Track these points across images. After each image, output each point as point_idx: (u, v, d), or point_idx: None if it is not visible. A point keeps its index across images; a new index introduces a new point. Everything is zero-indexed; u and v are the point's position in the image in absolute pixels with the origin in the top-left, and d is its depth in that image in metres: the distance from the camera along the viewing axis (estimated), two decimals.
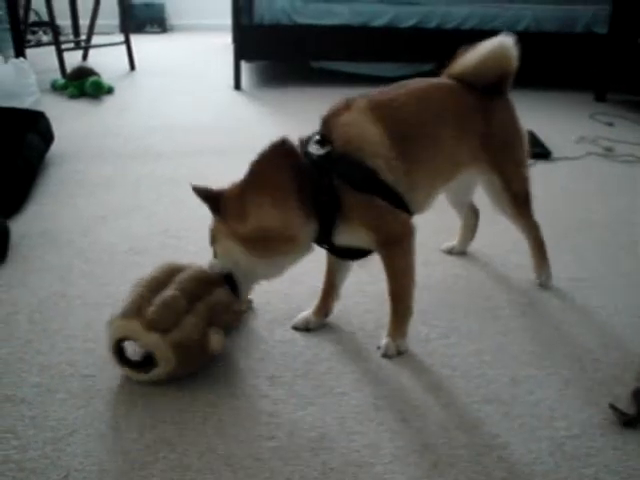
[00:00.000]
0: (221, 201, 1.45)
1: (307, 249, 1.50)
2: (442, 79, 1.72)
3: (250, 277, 1.51)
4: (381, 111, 1.48)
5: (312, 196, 1.41)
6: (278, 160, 1.43)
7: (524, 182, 1.82)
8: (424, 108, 1.59)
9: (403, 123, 1.51)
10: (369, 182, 1.42)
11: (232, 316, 1.52)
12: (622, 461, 1.23)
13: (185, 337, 1.36)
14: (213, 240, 1.52)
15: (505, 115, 1.75)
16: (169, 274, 1.46)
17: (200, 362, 1.43)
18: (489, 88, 1.70)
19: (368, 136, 1.44)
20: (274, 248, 1.45)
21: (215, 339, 1.40)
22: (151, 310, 1.35)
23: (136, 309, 1.36)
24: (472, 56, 1.69)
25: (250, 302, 1.68)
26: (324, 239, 1.48)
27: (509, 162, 1.76)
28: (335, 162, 1.41)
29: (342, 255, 1.59)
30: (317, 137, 1.45)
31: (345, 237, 1.48)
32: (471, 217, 2.06)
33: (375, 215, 1.45)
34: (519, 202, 1.81)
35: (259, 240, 1.43)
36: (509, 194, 1.78)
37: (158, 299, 1.37)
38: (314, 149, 1.43)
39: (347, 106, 1.48)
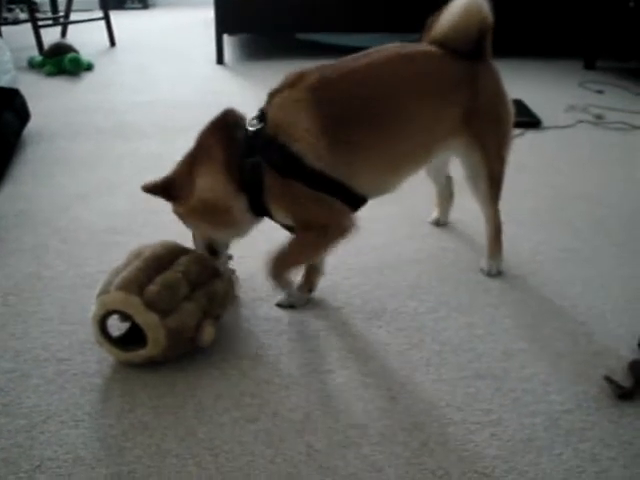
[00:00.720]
0: (172, 187, 1.46)
1: (249, 221, 1.49)
2: (422, 45, 1.57)
3: (219, 241, 1.54)
4: (323, 92, 1.39)
5: (238, 172, 1.40)
6: (217, 132, 1.43)
7: (501, 163, 1.66)
8: (385, 85, 1.45)
9: (348, 105, 1.40)
10: (291, 167, 1.37)
11: (224, 309, 1.46)
12: (618, 435, 1.19)
13: (181, 323, 1.31)
14: (181, 219, 1.53)
15: (490, 83, 1.60)
16: (172, 254, 1.39)
17: (184, 350, 1.37)
18: (472, 51, 1.54)
19: (298, 121, 1.36)
20: (218, 218, 1.46)
21: (207, 331, 1.34)
22: (154, 290, 1.29)
23: (137, 285, 1.29)
24: (448, 15, 1.54)
25: (233, 271, 1.61)
26: (262, 213, 1.46)
27: (492, 137, 1.62)
28: (262, 142, 1.38)
29: (290, 229, 1.51)
30: (258, 112, 1.43)
31: (276, 214, 1.45)
32: (446, 186, 1.96)
33: (296, 201, 1.40)
34: (492, 186, 1.67)
35: (205, 212, 1.44)
36: (486, 172, 1.64)
37: (161, 279, 1.31)
38: (251, 125, 1.41)
39: (293, 83, 1.41)
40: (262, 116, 1.40)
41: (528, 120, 3.05)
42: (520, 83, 3.77)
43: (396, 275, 1.72)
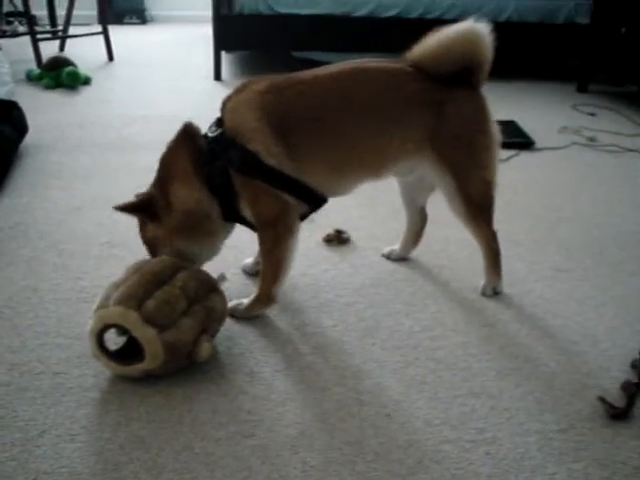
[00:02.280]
0: (149, 205, 1.50)
1: (222, 228, 1.56)
2: (389, 62, 1.57)
3: (198, 260, 1.57)
4: (271, 96, 1.46)
5: (207, 177, 1.47)
6: (181, 145, 1.50)
7: (485, 187, 1.63)
8: (331, 94, 1.50)
9: (293, 109, 1.47)
10: (249, 165, 1.44)
11: (220, 325, 1.47)
12: (612, 455, 1.20)
13: (179, 338, 1.31)
14: (153, 247, 1.56)
15: (466, 110, 1.57)
16: (171, 270, 1.39)
17: (181, 366, 1.37)
18: (452, 78, 1.53)
19: (247, 121, 1.45)
20: (200, 230, 1.52)
21: (205, 347, 1.35)
22: (152, 304, 1.29)
23: (136, 299, 1.29)
24: (432, 40, 1.52)
25: (224, 277, 1.61)
26: (233, 216, 1.53)
27: (466, 161, 1.59)
28: (222, 146, 1.46)
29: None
30: (215, 119, 1.51)
31: (244, 212, 1.52)
32: (417, 222, 1.88)
33: (256, 194, 1.47)
34: (474, 208, 1.64)
35: (188, 225, 1.50)
36: (463, 197, 1.61)
37: (160, 294, 1.32)
38: (210, 131, 1.50)
39: (243, 88, 1.50)
40: (219, 122, 1.49)
41: (522, 141, 3.09)
42: (514, 105, 3.82)
43: (391, 293, 1.73)
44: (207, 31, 6.16)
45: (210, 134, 1.49)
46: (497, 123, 1.64)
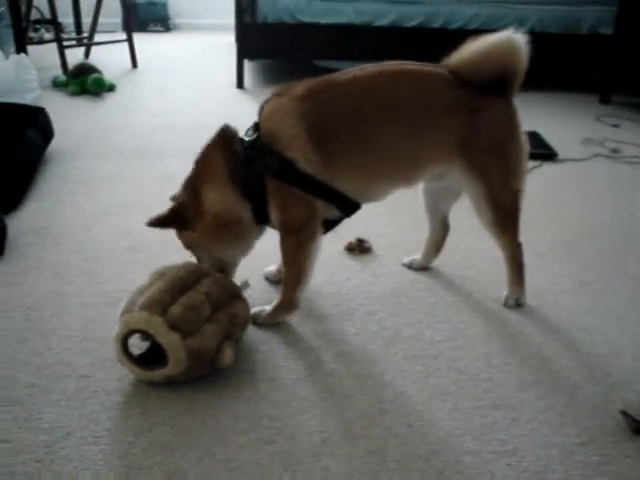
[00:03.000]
0: (182, 214, 1.52)
1: (254, 231, 1.57)
2: (426, 66, 1.57)
3: (229, 261, 1.60)
4: (308, 102, 1.47)
5: (242, 181, 1.48)
6: (217, 148, 1.52)
7: (513, 195, 1.64)
8: (368, 98, 1.50)
9: (330, 115, 1.48)
10: (286, 172, 1.46)
11: (243, 332, 1.48)
12: (634, 469, 1.19)
13: (202, 345, 1.32)
14: (188, 246, 1.60)
15: (500, 118, 1.58)
16: (195, 276, 1.41)
17: (204, 372, 1.38)
18: (487, 86, 1.54)
19: (285, 128, 1.46)
20: (232, 233, 1.54)
21: (228, 353, 1.36)
22: (177, 310, 1.30)
23: (160, 305, 1.31)
24: (471, 48, 1.54)
25: (247, 283, 1.64)
26: (265, 220, 1.54)
27: (496, 169, 1.60)
28: (259, 151, 1.47)
29: None
30: (252, 124, 1.52)
31: (272, 218, 1.53)
32: (440, 231, 1.87)
33: (287, 200, 1.49)
34: (502, 216, 1.65)
35: (219, 228, 1.52)
36: (492, 205, 1.62)
37: (184, 300, 1.33)
38: (247, 135, 1.51)
39: (281, 93, 1.51)
40: (256, 126, 1.50)
41: (544, 152, 3.07)
42: (537, 116, 3.80)
43: (412, 303, 1.73)
44: (230, 39, 6.22)
45: (247, 138, 1.50)
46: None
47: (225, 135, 1.53)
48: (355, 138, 1.49)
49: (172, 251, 1.80)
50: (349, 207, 1.57)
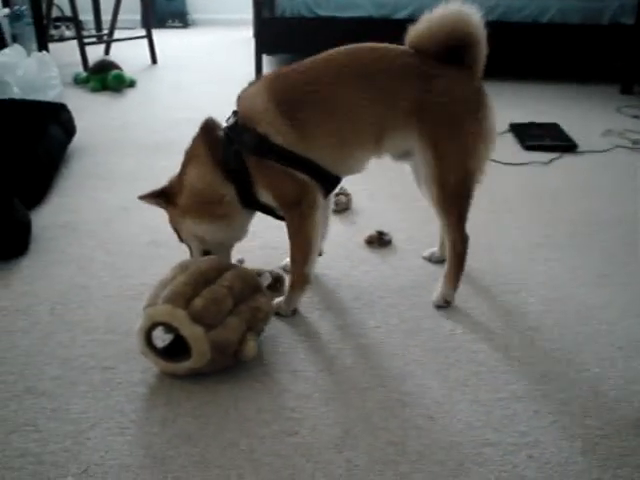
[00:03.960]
0: (166, 192, 1.64)
1: (240, 213, 1.62)
2: (385, 43, 1.60)
3: (217, 244, 1.66)
4: (277, 81, 1.57)
5: (223, 161, 1.56)
6: (200, 136, 1.62)
7: (464, 175, 1.59)
8: (327, 70, 1.56)
9: (296, 88, 1.55)
10: (261, 146, 1.52)
11: (265, 325, 1.50)
12: None
13: (225, 337, 1.34)
14: (177, 231, 1.68)
15: (457, 89, 1.55)
16: (217, 269, 1.43)
17: (227, 364, 1.40)
18: (445, 57, 1.54)
19: (256, 106, 1.54)
20: (212, 212, 1.59)
21: (250, 346, 1.38)
22: (200, 303, 1.32)
23: (183, 298, 1.33)
24: (423, 19, 1.56)
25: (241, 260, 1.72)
26: (250, 201, 1.59)
27: (448, 142, 1.56)
28: (237, 132, 1.55)
29: (278, 217, 1.64)
30: (232, 111, 1.60)
31: (263, 198, 1.58)
32: None
33: (272, 177, 1.54)
34: (446, 195, 1.59)
35: (198, 205, 1.59)
36: (438, 180, 1.58)
37: (207, 293, 1.35)
38: (227, 121, 1.59)
39: (255, 81, 1.62)
40: (235, 113, 1.59)
41: (565, 144, 3.05)
42: (557, 107, 3.77)
43: (432, 295, 1.73)
44: (247, 34, 6.24)
45: (226, 124, 1.59)
46: (538, 125, 1.62)
47: (208, 126, 1.62)
48: (320, 107, 1.54)
49: None
50: (328, 180, 1.60)
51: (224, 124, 1.60)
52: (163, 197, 1.65)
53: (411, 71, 1.56)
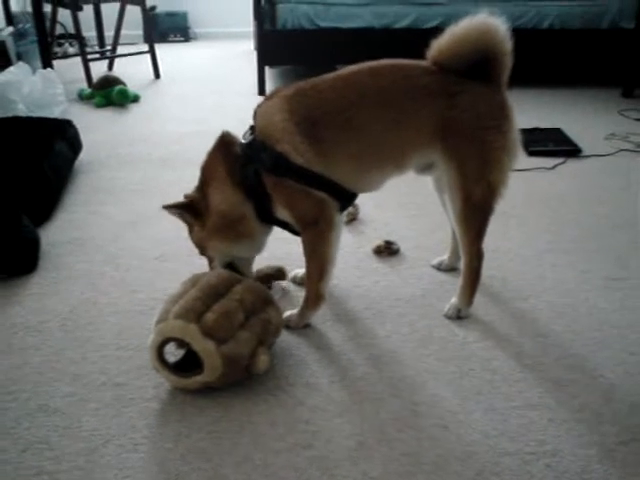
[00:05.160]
0: (192, 206, 1.62)
1: (259, 229, 1.62)
2: (405, 60, 1.58)
3: (240, 258, 1.68)
4: (296, 98, 1.53)
5: (241, 180, 1.55)
6: (217, 153, 1.60)
7: (487, 190, 1.56)
8: (349, 90, 1.53)
9: (316, 107, 1.52)
10: (279, 165, 1.50)
11: (276, 337, 1.50)
12: None
13: (237, 351, 1.34)
14: (201, 248, 1.68)
15: (483, 104, 1.53)
16: (227, 283, 1.43)
17: (239, 378, 1.39)
18: (468, 72, 1.52)
19: (274, 123, 1.51)
20: (236, 230, 1.60)
21: (262, 360, 1.37)
22: (211, 318, 1.32)
23: (195, 313, 1.33)
24: (447, 34, 1.52)
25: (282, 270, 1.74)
26: (269, 218, 1.59)
27: (473, 157, 1.54)
28: (254, 150, 1.53)
29: (295, 232, 1.63)
30: (249, 127, 1.59)
31: (280, 215, 1.58)
32: None
33: (290, 195, 1.53)
34: (470, 209, 1.58)
35: (224, 226, 1.59)
36: (462, 194, 1.56)
37: (218, 308, 1.35)
38: (244, 138, 1.58)
39: (272, 95, 1.58)
40: (252, 128, 1.57)
41: (568, 148, 3.05)
42: (559, 112, 3.78)
43: (442, 304, 1.72)
44: (249, 47, 6.27)
45: (244, 140, 1.57)
46: (541, 130, 1.62)
47: (225, 141, 1.60)
48: (340, 127, 1.52)
49: (201, 259, 1.82)
50: (345, 197, 1.59)
51: (241, 139, 1.58)
52: (189, 211, 1.63)
53: (434, 90, 1.53)
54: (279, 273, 1.82)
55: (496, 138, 1.54)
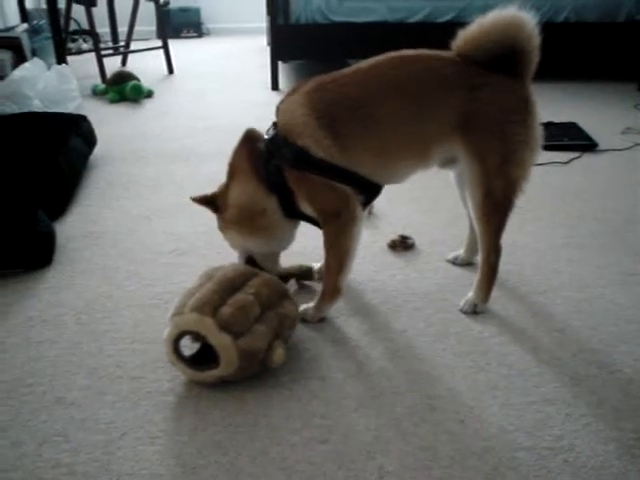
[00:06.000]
0: (215, 199, 1.65)
1: (283, 224, 1.62)
2: (427, 50, 1.57)
3: (261, 253, 1.68)
4: (317, 93, 1.53)
5: (265, 175, 1.56)
6: (242, 149, 1.61)
7: (508, 185, 1.55)
8: (369, 82, 1.53)
9: (337, 101, 1.51)
10: (300, 160, 1.50)
11: (292, 331, 1.50)
12: None
13: (253, 345, 1.33)
14: (226, 236, 1.69)
15: (506, 97, 1.52)
16: (243, 276, 1.43)
17: (254, 372, 1.39)
18: (494, 64, 1.50)
19: (296, 118, 1.52)
20: (255, 224, 1.60)
21: (278, 353, 1.37)
22: (227, 311, 1.32)
23: (211, 306, 1.33)
24: (474, 25, 1.50)
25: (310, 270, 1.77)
26: (293, 212, 1.59)
27: (495, 152, 1.52)
28: (277, 145, 1.53)
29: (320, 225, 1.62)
30: (272, 123, 1.59)
31: (303, 208, 1.57)
32: None
33: (313, 189, 1.53)
34: (490, 205, 1.57)
35: (241, 219, 1.61)
36: (483, 189, 1.55)
37: (234, 301, 1.35)
38: (267, 134, 1.58)
39: (294, 91, 1.58)
40: (275, 124, 1.58)
41: (584, 143, 3.03)
42: (575, 106, 3.75)
43: (458, 299, 1.71)
44: (262, 42, 6.27)
45: (267, 136, 1.58)
46: (557, 125, 1.60)
47: (249, 137, 1.61)
48: (362, 121, 1.51)
49: (216, 253, 1.83)
50: (370, 189, 1.58)
51: (265, 135, 1.59)
52: (213, 204, 1.66)
53: (456, 82, 1.52)
54: (305, 272, 1.80)
55: (519, 132, 1.52)
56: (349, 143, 1.51)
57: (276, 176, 1.54)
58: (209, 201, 1.66)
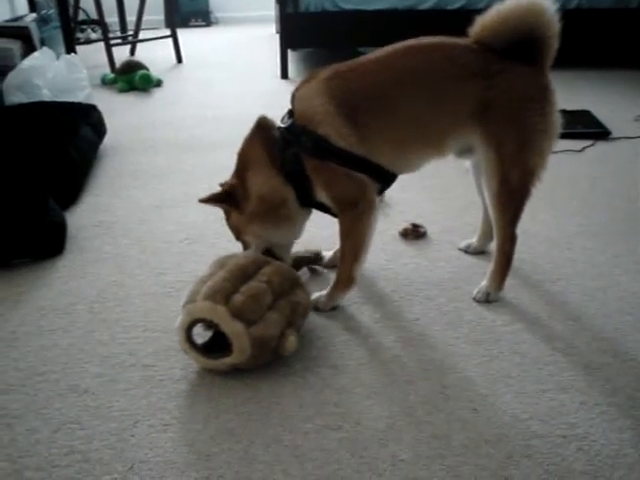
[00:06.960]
0: (231, 195, 1.60)
1: (299, 213, 1.61)
2: (445, 38, 1.54)
3: (279, 244, 1.66)
4: (336, 81, 1.51)
5: (281, 164, 1.54)
6: (255, 137, 1.58)
7: (525, 174, 1.54)
8: (388, 71, 1.52)
9: (356, 90, 1.50)
10: (320, 148, 1.49)
11: (304, 319, 1.49)
12: None
13: (265, 333, 1.33)
14: (238, 233, 1.66)
15: (524, 86, 1.50)
16: (256, 265, 1.42)
17: (267, 360, 1.39)
18: (512, 52, 1.48)
19: (315, 106, 1.50)
20: (277, 215, 1.59)
21: (290, 341, 1.37)
22: (240, 299, 1.32)
23: (223, 294, 1.32)
24: (492, 11, 1.47)
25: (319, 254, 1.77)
26: (309, 201, 1.58)
27: (511, 140, 1.51)
28: (294, 134, 1.51)
29: (335, 215, 1.60)
30: (287, 111, 1.58)
31: (321, 198, 1.56)
32: None
33: (331, 178, 1.52)
34: (506, 193, 1.55)
35: (265, 210, 1.58)
36: (499, 177, 1.53)
37: (247, 289, 1.34)
38: (283, 122, 1.56)
39: (310, 78, 1.56)
40: (290, 112, 1.56)
41: (597, 131, 3.00)
42: (588, 94, 3.71)
43: (470, 287, 1.70)
44: (270, 31, 6.25)
45: (282, 125, 1.56)
46: (570, 112, 1.57)
47: (262, 125, 1.58)
48: (379, 110, 1.50)
49: (226, 242, 1.82)
50: (385, 179, 1.58)
51: (279, 123, 1.57)
52: (229, 200, 1.61)
53: (473, 69, 1.50)
54: (316, 257, 1.81)
55: (537, 120, 1.51)
56: (368, 132, 1.50)
57: (294, 165, 1.52)
58: (222, 199, 1.61)
